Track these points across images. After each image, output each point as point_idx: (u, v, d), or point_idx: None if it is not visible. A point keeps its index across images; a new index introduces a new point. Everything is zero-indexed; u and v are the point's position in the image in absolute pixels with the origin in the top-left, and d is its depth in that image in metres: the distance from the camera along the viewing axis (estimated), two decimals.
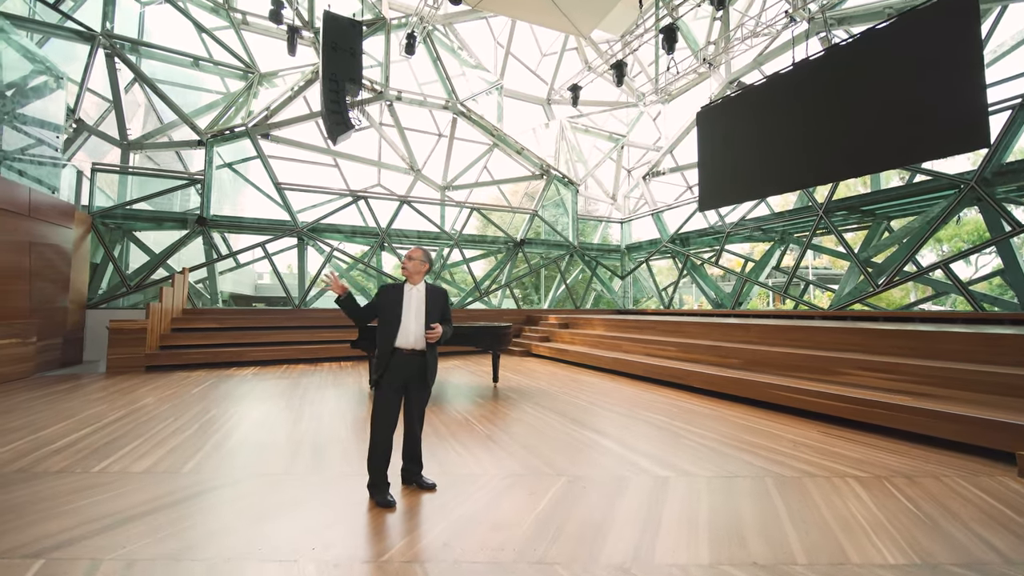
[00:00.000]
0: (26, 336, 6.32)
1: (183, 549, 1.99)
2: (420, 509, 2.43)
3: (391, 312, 2.63)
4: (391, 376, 2.56)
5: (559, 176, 13.35)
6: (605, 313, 12.96)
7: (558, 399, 5.24)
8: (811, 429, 3.97)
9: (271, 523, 2.23)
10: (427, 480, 2.70)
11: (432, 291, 2.78)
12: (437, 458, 3.21)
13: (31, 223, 6.48)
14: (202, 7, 9.88)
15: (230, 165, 10.28)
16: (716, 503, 2.49)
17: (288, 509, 2.40)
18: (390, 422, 2.54)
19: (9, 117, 6.50)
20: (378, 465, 2.50)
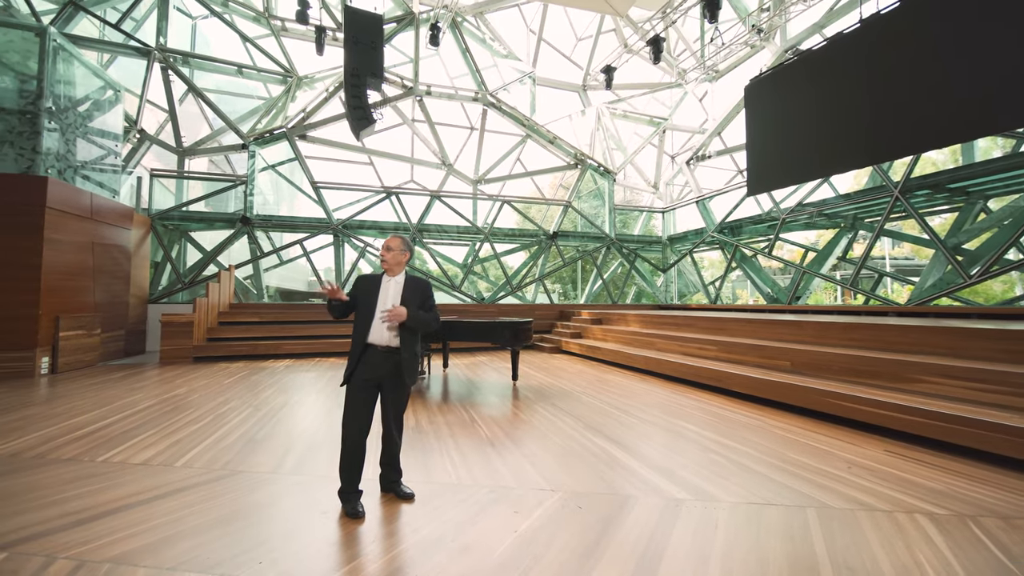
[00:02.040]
0: (91, 328, 6.95)
1: (133, 552, 1.90)
2: (388, 523, 2.21)
3: (364, 305, 2.43)
4: (362, 374, 2.36)
5: (594, 165, 12.73)
6: (641, 308, 12.22)
7: (579, 401, 4.87)
8: (873, 447, 3.31)
9: (230, 528, 2.11)
10: (405, 489, 2.48)
11: (412, 283, 2.54)
12: (427, 463, 3.00)
13: (93, 225, 7.11)
14: (245, 16, 10.39)
15: (273, 167, 10.79)
16: (736, 538, 2.05)
17: (254, 513, 2.28)
18: (360, 425, 2.34)
19: (80, 130, 7.15)
20: (347, 472, 2.31)
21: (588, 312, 10.15)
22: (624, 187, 14.83)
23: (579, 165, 12.60)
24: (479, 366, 7.37)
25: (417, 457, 3.11)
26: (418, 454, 3.18)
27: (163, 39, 9.17)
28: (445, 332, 5.67)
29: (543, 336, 10.13)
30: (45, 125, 6.26)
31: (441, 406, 4.59)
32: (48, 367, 6.19)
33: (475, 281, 12.49)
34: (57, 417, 4.03)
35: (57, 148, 6.52)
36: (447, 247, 12.00)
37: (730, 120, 11.79)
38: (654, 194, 14.25)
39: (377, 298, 2.44)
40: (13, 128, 6.11)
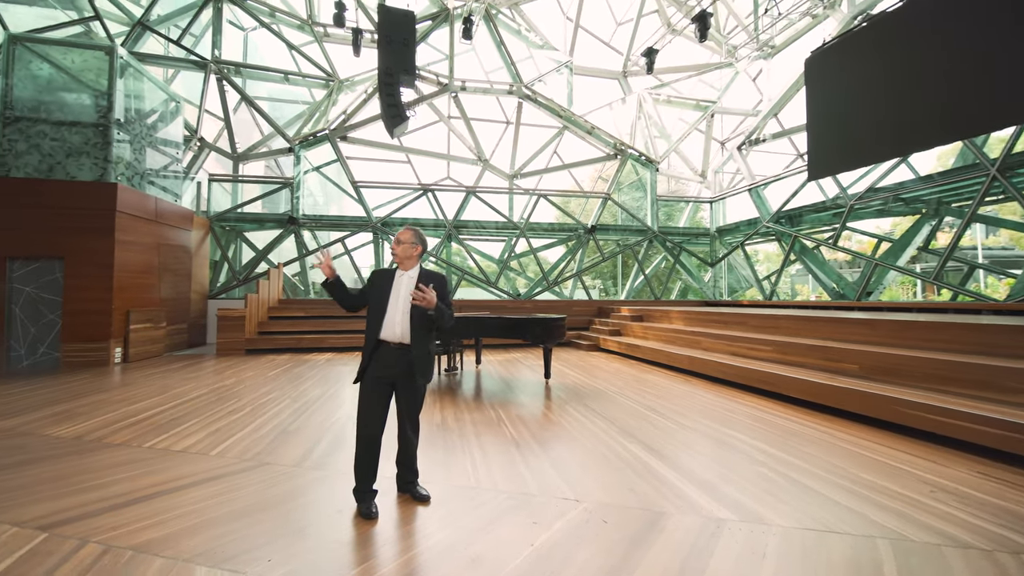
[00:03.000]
0: (157, 321, 7.57)
1: (155, 541, 1.94)
2: (400, 526, 2.13)
3: (377, 300, 2.36)
4: (374, 371, 2.29)
5: (635, 155, 12.16)
6: (685, 305, 11.54)
7: (613, 402, 4.60)
8: (964, 468, 2.81)
9: (248, 521, 2.12)
10: (421, 491, 2.39)
11: (427, 278, 2.44)
12: (448, 462, 2.90)
13: (158, 227, 7.72)
14: (290, 25, 10.87)
15: (317, 168, 11.25)
16: (788, 570, 1.76)
17: (273, 507, 2.28)
18: (374, 424, 2.27)
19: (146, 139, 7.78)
20: (362, 472, 2.25)
21: (628, 309, 9.72)
22: (668, 177, 14.10)
23: (619, 155, 12.09)
24: (513, 363, 7.25)
25: (438, 456, 3.03)
26: (440, 452, 3.10)
27: (218, 52, 9.78)
28: (476, 328, 5.58)
29: (580, 333, 9.83)
30: (115, 136, 6.85)
31: (469, 403, 4.51)
32: (121, 357, 6.81)
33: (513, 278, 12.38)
34: (119, 403, 4.37)
35: (126, 157, 7.13)
36: (483, 243, 11.98)
37: (788, 99, 10.80)
38: (701, 183, 13.41)
39: (390, 294, 2.36)
40: (88, 140, 6.74)
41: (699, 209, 14.05)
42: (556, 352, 8.61)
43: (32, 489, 2.45)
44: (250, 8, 10.23)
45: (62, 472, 2.68)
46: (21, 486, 2.48)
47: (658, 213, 12.38)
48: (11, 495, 2.37)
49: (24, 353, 6.41)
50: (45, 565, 1.77)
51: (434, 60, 11.77)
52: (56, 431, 3.47)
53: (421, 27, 10.65)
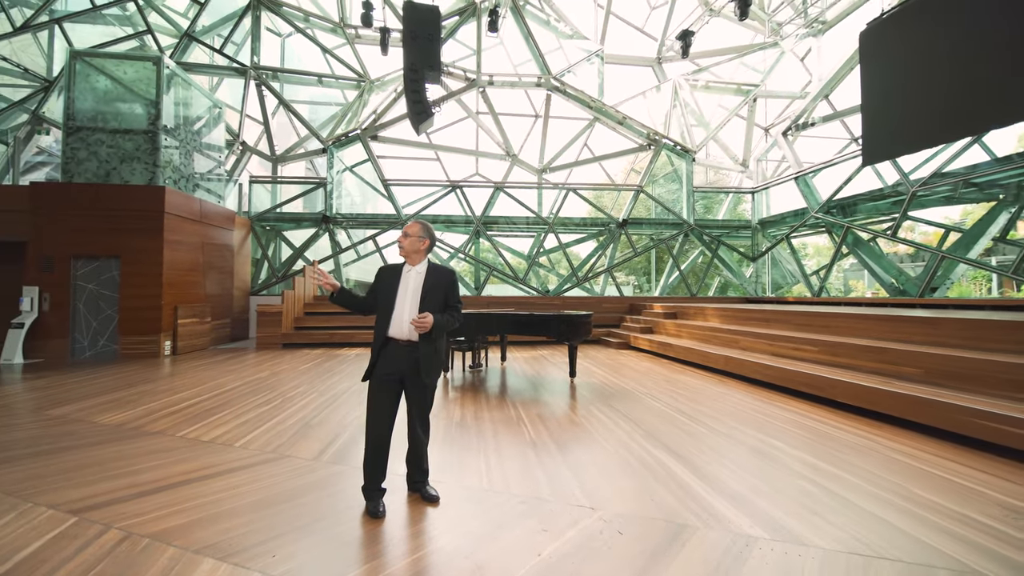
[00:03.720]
0: (202, 316, 8.03)
1: (171, 531, 1.99)
2: (405, 527, 2.07)
3: (385, 297, 2.31)
4: (382, 369, 2.24)
5: (670, 145, 11.63)
6: (723, 301, 10.95)
7: (641, 403, 4.39)
8: None
9: (260, 515, 2.13)
10: (430, 491, 2.34)
11: (434, 273, 2.37)
12: (462, 462, 2.84)
13: (202, 227, 8.18)
14: (324, 29, 11.18)
15: (350, 168, 11.56)
16: None
17: (286, 500, 2.29)
18: (382, 422, 2.23)
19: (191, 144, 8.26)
20: (370, 470, 2.22)
21: (661, 305, 9.34)
22: (706, 167, 13.43)
23: (652, 146, 11.61)
24: (539, 360, 7.12)
25: (453, 455, 2.97)
26: (455, 452, 3.04)
27: (257, 58, 10.22)
28: (499, 324, 5.51)
29: (610, 331, 9.56)
30: (162, 142, 7.30)
31: (490, 401, 4.44)
32: (170, 349, 7.27)
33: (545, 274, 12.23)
34: (162, 393, 4.64)
35: (173, 161, 7.58)
36: (512, 239, 11.90)
37: (840, 79, 9.95)
38: (742, 173, 12.66)
39: (397, 291, 2.30)
40: (140, 146, 7.22)
41: (740, 201, 13.29)
42: (585, 350, 8.40)
43: (72, 474, 2.60)
44: (286, 14, 10.60)
45: (100, 458, 2.84)
46: (63, 471, 2.65)
47: (694, 205, 11.80)
48: (53, 479, 2.53)
49: (87, 345, 6.98)
50: (69, 549, 1.85)
51: (462, 56, 11.77)
52: (103, 419, 3.71)
53: (449, 23, 10.66)
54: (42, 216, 6.82)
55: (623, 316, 10.08)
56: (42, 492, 2.36)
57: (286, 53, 12.01)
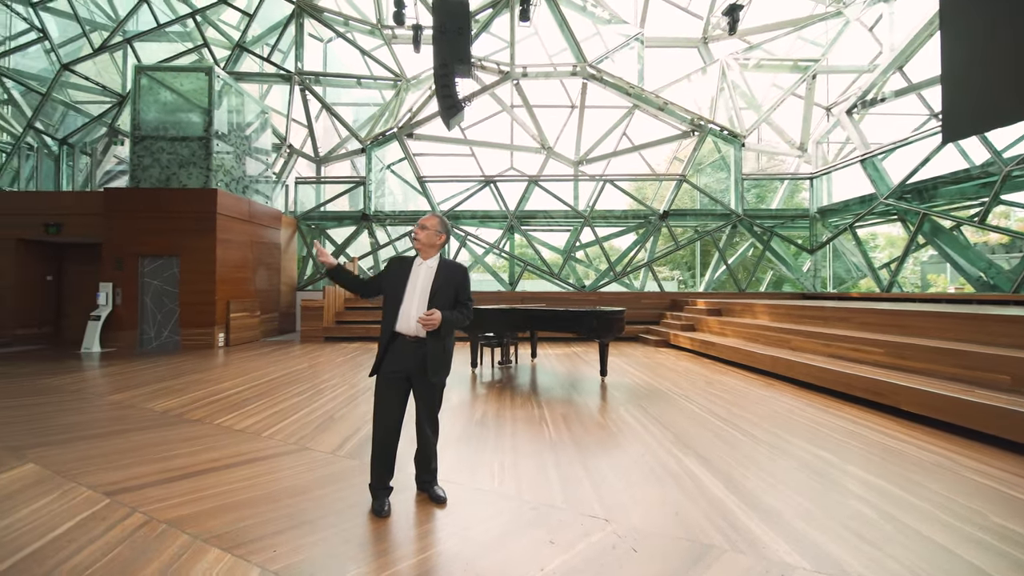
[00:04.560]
0: (252, 311, 8.55)
1: (186, 518, 2.05)
2: (408, 528, 2.01)
3: (393, 290, 2.25)
4: (389, 365, 2.19)
5: (716, 130, 10.89)
6: (776, 297, 10.12)
7: (675, 406, 4.10)
8: None
9: (271, 507, 2.16)
10: (438, 492, 2.26)
11: (446, 269, 2.28)
12: (476, 461, 2.75)
13: (252, 226, 8.69)
14: (362, 31, 11.48)
15: (389, 167, 11.85)
16: None
17: (298, 494, 2.31)
18: (389, 420, 2.18)
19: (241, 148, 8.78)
20: (376, 468, 2.17)
21: (704, 302, 8.79)
22: (758, 152, 12.49)
23: (696, 132, 10.92)
24: (571, 358, 6.92)
25: (468, 454, 2.89)
26: (471, 450, 2.96)
27: (300, 64, 10.68)
28: (525, 320, 5.37)
29: (649, 328, 9.13)
30: (215, 147, 7.80)
31: (514, 398, 4.33)
32: (223, 341, 7.80)
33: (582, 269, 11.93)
34: (209, 382, 4.94)
35: (224, 165, 8.09)
36: (548, 233, 11.69)
37: (916, 47, 8.82)
38: (799, 158, 11.63)
39: (406, 284, 2.23)
40: (195, 152, 7.77)
41: (798, 188, 12.23)
42: (620, 348, 8.08)
43: (114, 457, 2.79)
44: (327, 20, 10.99)
45: (142, 443, 3.04)
46: (108, 453, 2.85)
47: (743, 194, 10.98)
48: (98, 461, 2.72)
49: (153, 336, 7.63)
50: (96, 530, 1.95)
51: (496, 49, 11.66)
52: (153, 405, 3.99)
53: (482, 16, 10.58)
54: (113, 219, 7.53)
55: (663, 313, 9.60)
56: (86, 473, 2.54)
57: (328, 57, 12.48)
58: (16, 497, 2.26)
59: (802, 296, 10.44)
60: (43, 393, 4.43)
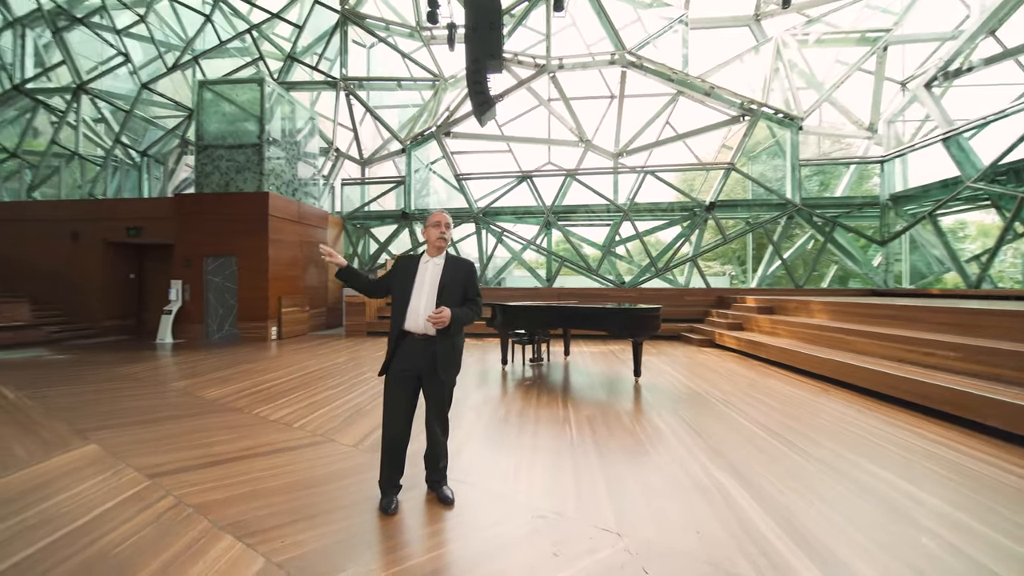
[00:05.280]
0: (302, 306, 9.07)
1: (211, 504, 2.17)
2: (412, 529, 1.99)
3: (401, 288, 2.24)
4: (398, 364, 2.18)
5: (769, 113, 10.05)
6: (839, 294, 9.17)
7: (713, 411, 3.82)
8: None
9: (287, 497, 2.23)
10: (447, 492, 2.23)
11: (453, 265, 2.23)
12: (492, 461, 2.70)
13: (301, 226, 9.20)
14: (402, 34, 11.75)
15: (428, 166, 12.10)
16: None
17: (315, 486, 2.37)
18: (398, 419, 2.17)
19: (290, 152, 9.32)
20: (385, 466, 2.18)
21: (755, 299, 8.16)
22: (819, 136, 11.42)
23: (747, 117, 10.14)
24: (606, 356, 6.69)
25: (484, 453, 2.85)
26: (489, 449, 2.91)
27: (345, 70, 11.13)
28: (555, 318, 5.24)
29: (692, 326, 8.64)
30: (266, 153, 8.33)
31: (540, 397, 4.23)
32: (276, 334, 8.33)
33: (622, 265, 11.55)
34: (256, 373, 5.28)
35: (275, 169, 8.62)
36: (585, 228, 11.40)
37: (1014, 6, 7.59)
38: (869, 140, 10.47)
39: (414, 282, 2.21)
40: (250, 158, 8.33)
41: (868, 174, 11.04)
42: (660, 347, 7.71)
43: (162, 442, 3.02)
44: (369, 26, 11.36)
45: (188, 429, 3.28)
46: (158, 438, 3.09)
47: (801, 181, 10.07)
48: (147, 444, 2.96)
49: (215, 328, 8.32)
50: (132, 509, 2.11)
51: (533, 43, 11.49)
52: (204, 393, 4.31)
53: (518, 10, 10.47)
54: (182, 222, 8.26)
55: (708, 310, 9.04)
56: (136, 455, 2.77)
57: (371, 62, 12.92)
58: (74, 475, 2.50)
59: (871, 293, 9.42)
60: (116, 380, 4.94)
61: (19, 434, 3.17)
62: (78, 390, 4.47)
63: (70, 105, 10.82)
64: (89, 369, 5.55)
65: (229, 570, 1.68)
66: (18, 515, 2.06)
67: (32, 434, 3.18)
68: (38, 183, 10.79)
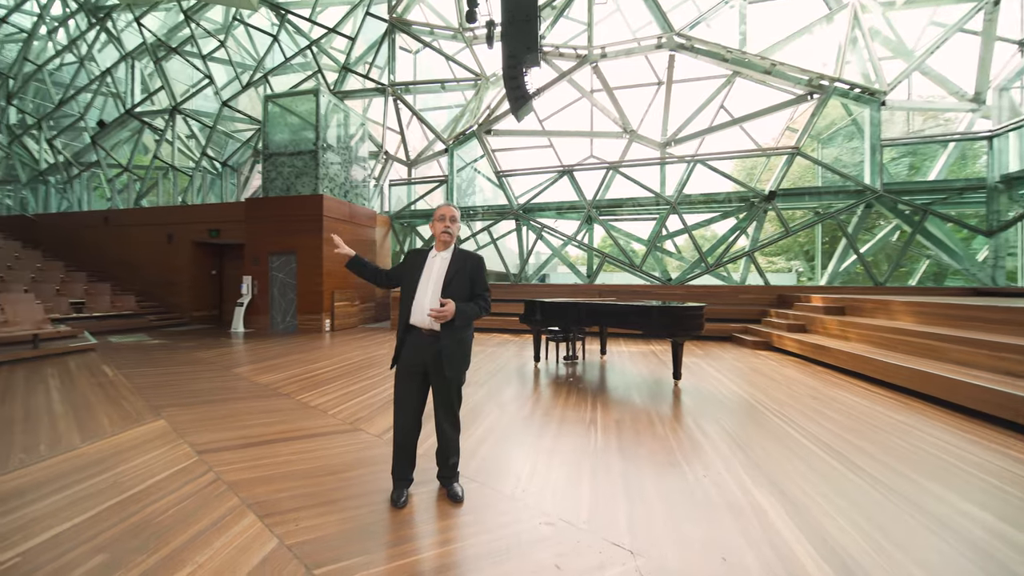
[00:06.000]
0: (352, 300, 9.61)
1: (243, 482, 2.34)
2: (417, 524, 2.01)
3: (409, 282, 2.26)
4: (406, 358, 2.20)
5: (843, 88, 8.97)
6: (926, 293, 7.97)
7: (762, 422, 3.48)
8: None
9: (308, 483, 2.35)
10: (457, 490, 2.23)
11: (460, 258, 2.22)
12: (506, 462, 2.66)
13: (352, 226, 9.74)
14: (445, 37, 11.98)
15: (470, 164, 12.27)
16: None
17: (336, 472, 2.48)
18: (407, 414, 2.20)
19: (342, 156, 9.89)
20: (396, 458, 2.22)
21: (822, 297, 7.36)
22: (908, 112, 10.02)
23: (815, 95, 9.14)
24: (647, 357, 6.37)
25: (501, 452, 2.81)
26: (507, 448, 2.88)
27: (392, 76, 11.58)
28: (589, 315, 5.07)
29: (747, 327, 7.98)
30: (321, 159, 8.90)
31: (569, 397, 4.11)
32: (329, 326, 8.91)
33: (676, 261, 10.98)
34: (306, 362, 5.66)
35: (329, 173, 9.19)
36: (630, 223, 10.95)
37: None
38: (973, 113, 9.00)
39: (420, 276, 2.23)
40: (307, 164, 8.95)
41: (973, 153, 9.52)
42: (709, 348, 7.22)
43: (217, 421, 3.32)
44: (415, 32, 11.71)
45: (240, 411, 3.58)
46: (214, 417, 3.41)
47: (883, 164, 8.90)
48: (204, 423, 3.27)
49: (279, 320, 9.06)
50: (179, 482, 2.33)
51: (576, 33, 11.19)
52: (259, 379, 4.70)
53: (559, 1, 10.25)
54: (251, 223, 9.08)
55: (766, 310, 8.30)
56: (193, 432, 3.07)
57: (417, 67, 13.32)
58: (142, 447, 2.82)
59: (973, 292, 8.11)
60: (192, 363, 5.54)
61: (108, 407, 3.65)
62: (160, 371, 5.07)
63: (167, 124, 12.31)
64: (173, 353, 6.29)
65: (247, 546, 1.80)
66: (93, 479, 2.36)
67: (118, 407, 3.65)
68: (144, 193, 12.40)
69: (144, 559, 1.70)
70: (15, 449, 2.74)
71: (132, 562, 1.68)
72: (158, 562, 1.69)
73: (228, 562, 1.70)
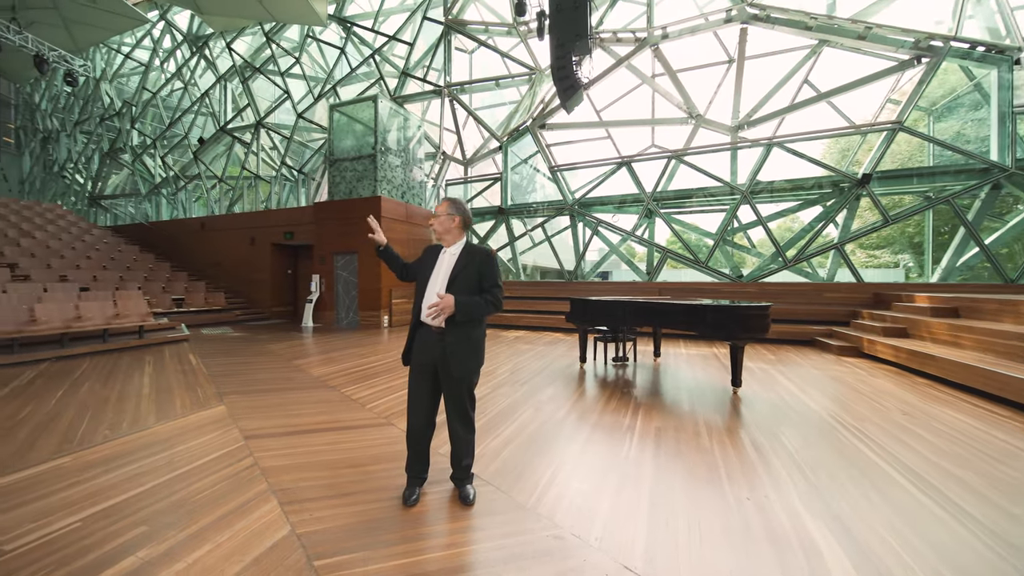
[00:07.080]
0: (408, 297, 10.00)
1: (275, 469, 2.48)
2: (426, 524, 1.97)
3: (421, 278, 2.24)
4: (417, 355, 2.17)
5: (963, 49, 7.49)
6: None
7: (835, 442, 2.99)
8: None
9: (331, 474, 2.43)
10: (468, 492, 2.16)
11: (468, 253, 2.15)
12: (526, 468, 2.54)
13: (408, 226, 10.14)
14: (499, 33, 11.98)
15: (525, 160, 12.18)
16: None
17: (360, 465, 2.54)
18: (418, 411, 2.17)
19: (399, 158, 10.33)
20: (410, 456, 2.20)
21: (929, 296, 6.24)
22: None
23: (924, 59, 7.74)
24: (707, 361, 5.85)
25: (523, 456, 2.69)
26: (531, 451, 2.76)
27: (448, 77, 11.84)
28: (636, 314, 4.75)
29: (831, 330, 7.01)
30: (379, 162, 9.36)
31: (610, 401, 3.87)
32: (387, 322, 9.37)
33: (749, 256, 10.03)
34: (359, 356, 5.98)
35: (387, 175, 9.65)
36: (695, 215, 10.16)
37: None
38: None
39: (430, 273, 2.18)
40: (367, 167, 9.47)
41: None
42: (784, 353, 6.46)
43: (268, 409, 3.59)
44: (470, 31, 11.87)
45: (290, 400, 3.84)
46: (266, 406, 3.69)
47: (1016, 136, 7.30)
48: (257, 410, 3.55)
49: (343, 316, 9.72)
50: (221, 464, 2.53)
51: (634, 16, 10.60)
52: (314, 371, 5.04)
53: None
54: (319, 225, 9.83)
55: (857, 311, 7.22)
56: (245, 419, 3.35)
57: (473, 66, 13.50)
58: (201, 429, 3.13)
59: None
60: (261, 355, 6.11)
61: (184, 392, 4.12)
62: (234, 360, 5.65)
63: (253, 137, 13.77)
64: (248, 345, 7.00)
65: (263, 531, 1.89)
66: (154, 456, 2.65)
67: (192, 392, 4.10)
68: (235, 200, 14.02)
69: (174, 535, 1.84)
70: (103, 425, 3.18)
71: (164, 536, 1.83)
72: (185, 538, 1.82)
73: (242, 544, 1.78)
